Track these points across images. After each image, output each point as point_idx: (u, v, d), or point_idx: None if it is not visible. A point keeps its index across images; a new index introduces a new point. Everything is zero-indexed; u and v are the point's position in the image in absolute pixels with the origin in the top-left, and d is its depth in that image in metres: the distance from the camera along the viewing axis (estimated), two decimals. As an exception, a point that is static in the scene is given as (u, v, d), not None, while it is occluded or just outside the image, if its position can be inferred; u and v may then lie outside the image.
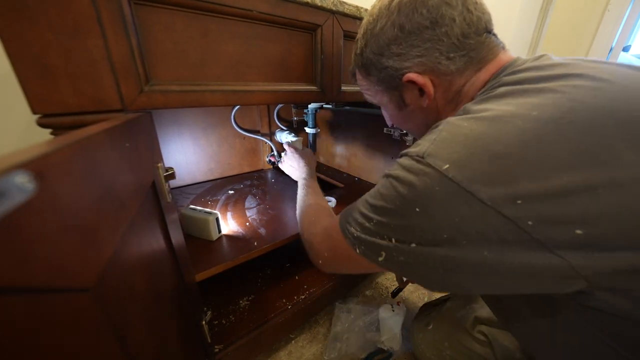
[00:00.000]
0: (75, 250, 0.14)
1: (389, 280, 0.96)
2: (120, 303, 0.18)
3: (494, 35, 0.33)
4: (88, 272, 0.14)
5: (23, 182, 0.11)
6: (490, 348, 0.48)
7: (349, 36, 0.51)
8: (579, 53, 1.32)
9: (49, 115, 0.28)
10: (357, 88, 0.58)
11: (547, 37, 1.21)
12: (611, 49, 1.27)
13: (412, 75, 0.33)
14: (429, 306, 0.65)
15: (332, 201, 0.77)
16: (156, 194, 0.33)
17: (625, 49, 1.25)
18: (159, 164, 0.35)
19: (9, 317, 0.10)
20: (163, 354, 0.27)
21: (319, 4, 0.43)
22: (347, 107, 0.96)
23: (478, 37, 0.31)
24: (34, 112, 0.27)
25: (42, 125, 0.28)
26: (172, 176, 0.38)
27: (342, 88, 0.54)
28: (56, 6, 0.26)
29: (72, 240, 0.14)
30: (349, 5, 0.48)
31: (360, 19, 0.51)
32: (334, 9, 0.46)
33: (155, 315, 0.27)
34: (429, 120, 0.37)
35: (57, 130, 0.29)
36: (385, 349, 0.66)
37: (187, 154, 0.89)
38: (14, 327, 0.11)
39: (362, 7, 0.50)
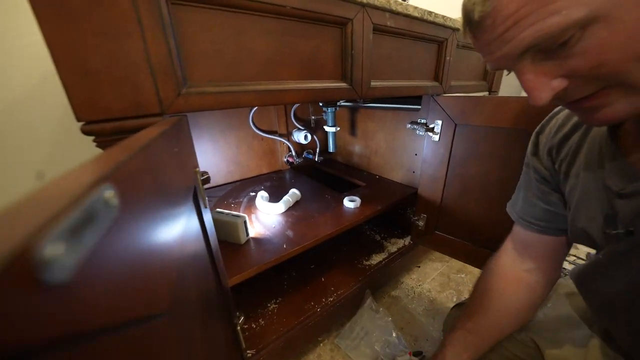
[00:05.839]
0: (155, 270, 0.13)
1: (413, 280, 0.94)
2: (183, 317, 0.17)
3: None
4: (165, 293, 0.13)
5: (109, 198, 0.10)
6: (540, 354, 0.45)
7: (378, 30, 0.49)
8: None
9: (92, 122, 0.28)
10: (387, 83, 0.56)
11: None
12: None
13: None
14: (460, 307, 0.62)
15: (356, 201, 0.75)
16: (196, 198, 0.32)
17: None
18: (197, 168, 0.34)
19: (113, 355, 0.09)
20: (214, 365, 0.27)
21: (351, -3, 0.42)
22: (367, 105, 0.94)
23: None
24: (78, 120, 0.27)
25: (86, 132, 0.28)
26: (207, 180, 0.37)
27: (372, 84, 0.52)
28: (98, 10, 0.25)
29: (151, 262, 0.13)
30: (379, -4, 0.46)
31: (390, 11, 0.49)
32: (364, 1, 0.44)
33: (206, 323, 0.26)
34: None
35: (99, 137, 0.29)
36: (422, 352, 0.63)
37: (207, 156, 0.89)
38: None
39: (391, -1, 0.48)
